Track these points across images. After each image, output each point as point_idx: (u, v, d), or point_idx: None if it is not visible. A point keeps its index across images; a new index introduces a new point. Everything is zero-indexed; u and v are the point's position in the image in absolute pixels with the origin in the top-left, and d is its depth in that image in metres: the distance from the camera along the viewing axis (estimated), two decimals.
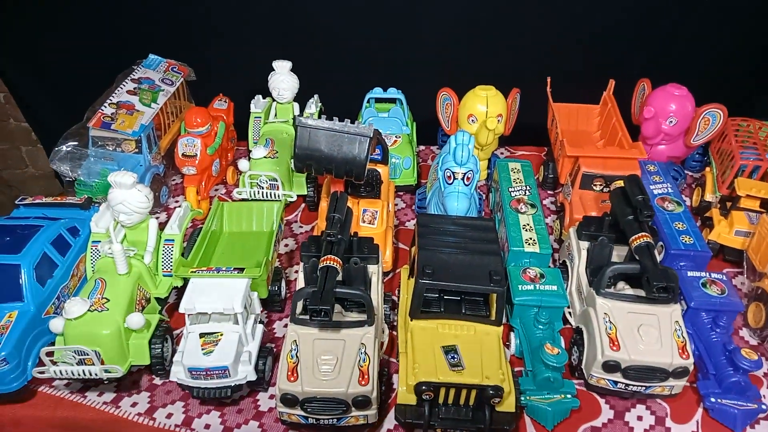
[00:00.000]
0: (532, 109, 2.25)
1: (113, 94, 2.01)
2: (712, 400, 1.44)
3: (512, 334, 1.59)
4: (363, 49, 2.49)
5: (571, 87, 2.26)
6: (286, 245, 1.93)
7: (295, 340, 1.33)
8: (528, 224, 1.77)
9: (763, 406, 1.43)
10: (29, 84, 2.77)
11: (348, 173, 1.50)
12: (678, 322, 1.43)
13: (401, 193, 2.18)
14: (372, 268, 1.53)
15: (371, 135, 1.44)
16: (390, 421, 1.41)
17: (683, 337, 1.40)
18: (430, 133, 2.43)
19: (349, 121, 1.45)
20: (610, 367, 1.39)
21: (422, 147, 2.46)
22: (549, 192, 2.21)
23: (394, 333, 1.59)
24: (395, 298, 1.68)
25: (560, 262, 1.78)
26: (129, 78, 2.11)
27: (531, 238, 1.72)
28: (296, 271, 1.82)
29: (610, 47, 2.48)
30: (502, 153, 2.43)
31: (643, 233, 1.46)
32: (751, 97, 2.60)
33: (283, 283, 1.68)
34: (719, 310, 1.55)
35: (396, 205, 2.13)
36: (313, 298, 1.26)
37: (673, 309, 1.44)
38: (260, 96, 2.22)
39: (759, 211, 1.83)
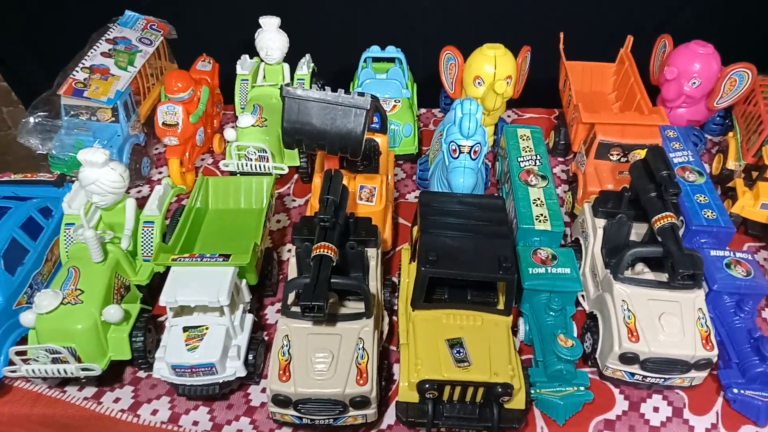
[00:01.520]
0: (542, 66, 2.08)
1: (86, 57, 1.84)
2: (735, 391, 1.35)
3: (521, 320, 1.48)
4: (359, 2, 2.29)
5: (585, 43, 2.08)
6: (278, 221, 1.80)
7: (287, 335, 1.22)
8: (539, 198, 1.64)
9: None
10: (4, 41, 2.57)
11: (343, 149, 1.35)
12: (702, 310, 1.32)
13: (401, 163, 2.04)
14: (370, 252, 1.41)
15: (368, 107, 1.28)
16: (390, 416, 1.32)
17: (707, 327, 1.30)
18: (431, 94, 2.26)
19: (344, 90, 1.29)
20: (627, 359, 1.29)
21: (423, 110, 2.29)
22: (560, 159, 2.06)
23: (395, 318, 1.48)
24: (396, 280, 1.56)
25: (572, 239, 1.66)
26: (103, 38, 1.93)
27: (542, 214, 1.59)
28: (289, 250, 1.70)
29: None
30: (509, 116, 2.27)
31: (668, 213, 1.33)
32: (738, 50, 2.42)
33: (275, 265, 1.56)
34: (744, 293, 1.44)
35: (396, 175, 1.99)
36: (306, 292, 1.14)
37: (696, 295, 1.33)
38: (247, 56, 2.04)
39: None
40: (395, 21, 2.31)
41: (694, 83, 1.88)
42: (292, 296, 1.28)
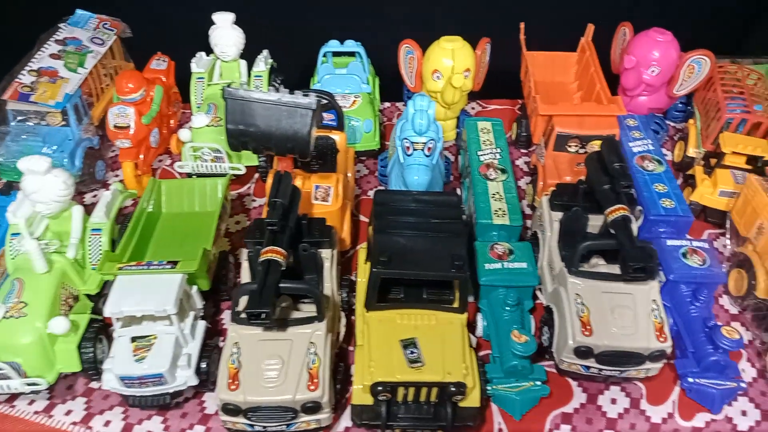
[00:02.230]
0: (506, 57, 2.06)
1: (33, 60, 1.79)
2: (690, 380, 1.36)
3: (479, 316, 1.48)
4: None
5: (549, 33, 2.06)
6: (238, 222, 1.77)
7: (237, 342, 1.20)
8: (498, 193, 1.63)
9: (742, 384, 1.36)
10: None
11: (290, 150, 1.32)
12: (656, 301, 1.32)
13: (364, 159, 2.01)
14: (325, 253, 1.39)
15: (314, 107, 1.25)
16: (347, 419, 1.31)
17: (661, 318, 1.30)
18: (396, 87, 2.23)
19: (288, 90, 1.26)
20: (582, 353, 1.28)
21: (387, 104, 2.26)
22: (523, 151, 2.05)
23: (354, 318, 1.47)
24: (355, 279, 1.55)
25: (531, 232, 1.65)
26: (52, 39, 1.88)
27: (500, 209, 1.58)
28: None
29: None
30: (473, 108, 2.25)
31: (620, 206, 1.33)
32: (738, 35, 2.42)
33: (232, 268, 1.54)
34: (700, 282, 1.45)
35: (358, 172, 1.97)
36: (252, 298, 1.12)
37: (650, 287, 1.33)
38: (203, 53, 1.99)
39: (745, 169, 1.70)
40: (358, 14, 2.28)
41: (653, 71, 1.87)
42: (242, 302, 1.26)
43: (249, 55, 2.01)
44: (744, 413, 1.37)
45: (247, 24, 1.94)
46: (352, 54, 2.07)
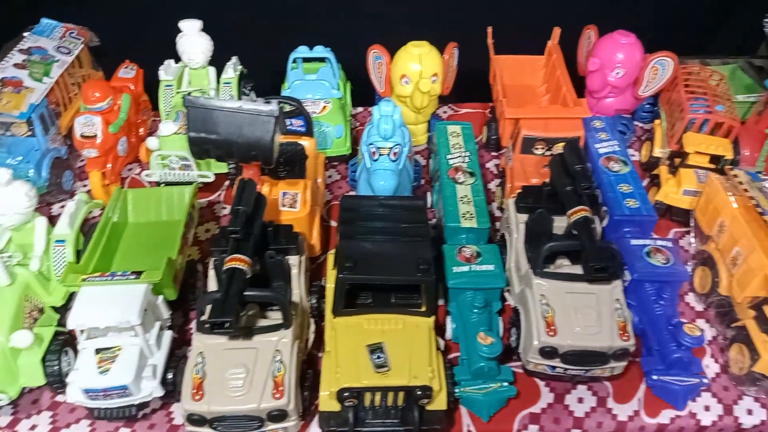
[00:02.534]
0: (478, 61, 2.08)
1: None
2: (655, 377, 1.38)
3: (448, 319, 1.49)
4: (285, 2, 2.26)
5: (518, 36, 2.09)
6: (208, 230, 1.77)
7: (202, 352, 1.20)
8: (466, 196, 1.64)
9: (705, 380, 1.38)
10: None
11: (254, 157, 1.33)
12: (619, 300, 1.34)
13: (336, 164, 2.02)
14: (292, 260, 1.39)
15: (276, 114, 1.26)
16: (317, 427, 1.31)
17: (624, 317, 1.32)
18: (370, 92, 2.24)
19: (249, 98, 1.27)
20: (547, 353, 1.30)
21: (360, 108, 2.27)
22: (494, 154, 2.07)
23: (324, 324, 1.47)
24: (325, 285, 1.55)
25: (500, 235, 1.67)
26: (17, 49, 1.86)
27: (468, 212, 1.60)
28: None
29: None
30: (445, 112, 2.26)
31: (582, 207, 1.35)
32: (702, 37, 2.47)
33: (201, 277, 1.53)
34: (663, 280, 1.47)
35: (330, 177, 1.97)
36: (214, 307, 1.12)
37: (613, 286, 1.35)
38: (172, 61, 1.98)
39: (708, 168, 1.73)
40: (330, 19, 2.28)
41: (618, 73, 1.90)
42: (207, 311, 1.25)
43: (220, 61, 2.01)
44: (707, 408, 1.40)
45: (216, 31, 1.94)
46: (322, 60, 2.08)
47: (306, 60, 2.06)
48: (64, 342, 1.33)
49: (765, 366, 1.34)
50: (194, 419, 1.14)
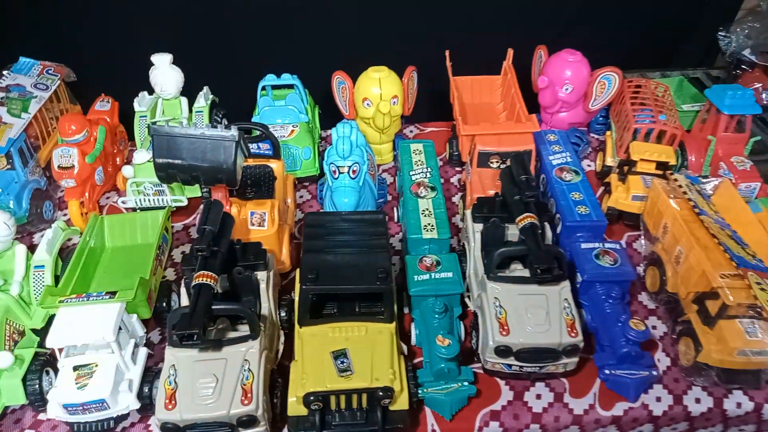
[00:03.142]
0: (442, 82, 2.20)
1: None
2: (607, 372, 1.46)
3: (413, 325, 1.57)
4: (255, 34, 2.38)
5: (477, 58, 2.21)
6: (183, 252, 1.84)
7: (174, 365, 1.27)
8: (427, 209, 1.74)
9: (654, 372, 1.46)
10: None
11: (219, 180, 1.42)
12: (567, 300, 1.43)
13: (307, 184, 2.11)
14: (261, 275, 1.47)
15: (236, 139, 1.35)
16: None
17: (573, 315, 1.41)
18: (340, 116, 2.34)
19: (210, 125, 1.37)
20: (501, 351, 1.38)
21: (330, 131, 2.36)
22: (458, 169, 2.18)
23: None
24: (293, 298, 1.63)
25: (460, 244, 1.76)
26: None
27: (429, 224, 1.69)
28: None
29: (509, 15, 2.43)
30: (411, 131, 2.37)
31: (528, 214, 1.45)
32: (647, 52, 2.62)
33: (175, 297, 1.61)
34: (611, 280, 1.57)
35: (301, 197, 2.06)
36: (182, 320, 1.20)
37: (562, 287, 1.44)
38: (146, 93, 2.08)
39: (655, 174, 1.84)
40: (293, 48, 2.40)
41: (567, 89, 2.02)
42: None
43: (193, 91, 2.11)
44: (659, 399, 1.48)
45: (187, 63, 2.04)
46: (292, 86, 2.18)
47: (275, 87, 2.17)
48: (45, 362, 1.39)
49: (707, 356, 1.43)
50: (168, 428, 1.20)
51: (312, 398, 1.25)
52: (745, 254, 1.45)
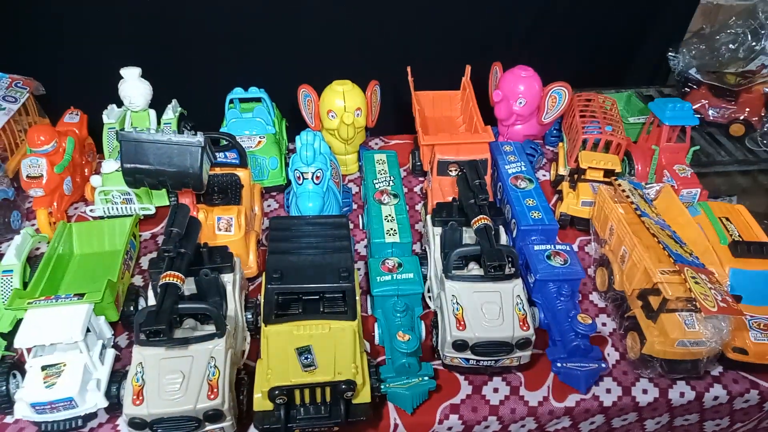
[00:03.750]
0: (406, 97, 2.30)
1: None
2: (558, 364, 1.55)
3: (376, 325, 1.63)
4: (223, 48, 2.44)
5: (439, 74, 2.33)
6: (151, 259, 1.87)
7: (141, 363, 1.30)
8: (390, 215, 1.82)
9: (603, 365, 1.55)
10: None
11: (185, 185, 1.47)
12: (519, 296, 1.51)
13: (274, 194, 2.17)
14: (227, 277, 1.52)
15: (202, 144, 1.41)
16: (253, 429, 1.41)
17: (524, 310, 1.49)
18: (305, 127, 2.41)
19: (176, 131, 1.43)
20: (458, 346, 1.46)
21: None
22: (420, 179, 2.27)
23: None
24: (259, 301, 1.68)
25: (422, 248, 1.84)
26: None
27: (392, 229, 1.77)
28: None
29: (468, 33, 2.56)
30: (376, 143, 2.46)
31: (482, 216, 1.54)
32: (600, 69, 2.79)
33: (142, 301, 1.64)
34: (562, 279, 1.66)
35: (269, 206, 2.12)
36: (148, 318, 1.24)
37: (514, 284, 1.52)
38: (114, 105, 2.12)
39: (604, 181, 1.96)
40: (260, 62, 2.47)
41: (521, 102, 2.14)
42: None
43: (161, 104, 2.16)
44: (608, 391, 1.56)
45: (156, 75, 2.09)
46: (260, 99, 2.25)
47: (243, 100, 2.24)
48: (12, 365, 1.40)
49: (651, 348, 1.52)
50: (136, 422, 1.24)
51: (277, 392, 1.30)
52: (683, 252, 1.57)
